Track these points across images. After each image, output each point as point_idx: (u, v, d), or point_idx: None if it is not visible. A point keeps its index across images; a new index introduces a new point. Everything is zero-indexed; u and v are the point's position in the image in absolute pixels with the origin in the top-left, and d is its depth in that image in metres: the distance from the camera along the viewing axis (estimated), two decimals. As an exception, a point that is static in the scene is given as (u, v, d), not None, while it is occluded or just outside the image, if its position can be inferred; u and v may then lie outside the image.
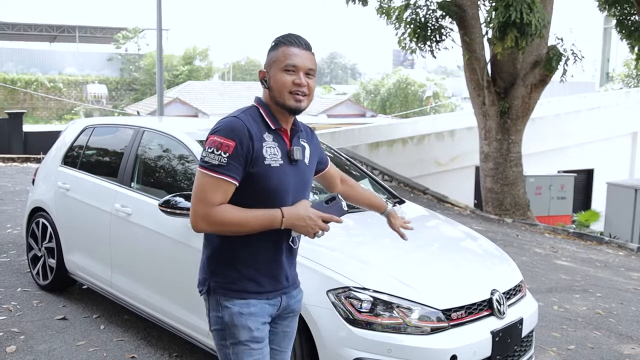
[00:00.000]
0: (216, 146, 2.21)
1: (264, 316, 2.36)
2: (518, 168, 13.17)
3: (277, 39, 2.37)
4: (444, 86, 48.96)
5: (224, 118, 2.34)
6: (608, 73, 39.88)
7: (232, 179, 2.22)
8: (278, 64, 2.32)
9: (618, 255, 9.68)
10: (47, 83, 42.42)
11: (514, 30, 10.58)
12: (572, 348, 4.90)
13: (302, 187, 2.43)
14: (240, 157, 2.22)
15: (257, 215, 2.24)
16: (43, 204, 5.39)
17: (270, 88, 2.34)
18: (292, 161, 2.38)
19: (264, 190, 2.30)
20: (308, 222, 2.28)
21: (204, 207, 2.22)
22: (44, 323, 4.72)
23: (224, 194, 2.23)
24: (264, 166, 2.28)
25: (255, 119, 2.33)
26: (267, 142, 2.31)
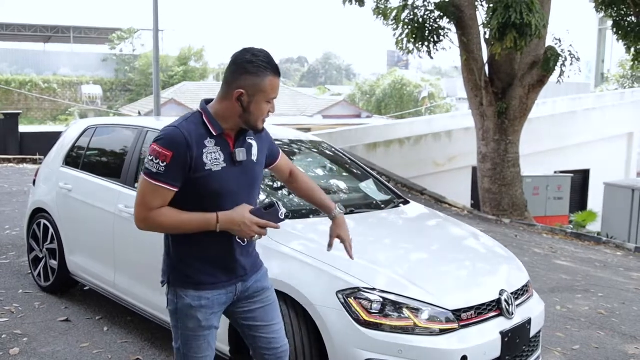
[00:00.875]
0: (155, 155, 2.37)
1: (213, 307, 2.57)
2: (516, 168, 13.19)
3: (264, 66, 2.43)
4: (440, 87, 49.01)
5: (166, 127, 2.45)
6: (603, 74, 40.01)
7: (169, 185, 2.39)
8: (264, 95, 2.44)
9: (616, 256, 9.70)
10: (42, 84, 42.26)
11: (513, 31, 10.59)
12: (577, 348, 4.90)
13: (249, 186, 2.58)
14: (178, 165, 2.37)
15: (192, 219, 2.42)
16: (44, 205, 5.35)
17: (247, 111, 2.46)
18: (235, 163, 2.51)
19: (207, 193, 2.46)
20: (242, 227, 2.42)
21: (143, 210, 2.41)
22: (46, 325, 4.69)
23: (162, 199, 2.40)
24: (204, 171, 2.43)
25: (197, 126, 2.45)
26: (208, 147, 2.45)
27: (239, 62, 2.45)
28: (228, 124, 2.50)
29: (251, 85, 2.43)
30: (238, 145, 2.54)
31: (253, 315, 2.70)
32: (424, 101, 44.03)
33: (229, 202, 2.48)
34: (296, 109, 35.07)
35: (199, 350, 2.59)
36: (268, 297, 2.74)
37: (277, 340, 2.74)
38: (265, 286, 2.74)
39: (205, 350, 2.60)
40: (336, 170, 5.29)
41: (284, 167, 2.93)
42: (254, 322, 2.71)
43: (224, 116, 2.49)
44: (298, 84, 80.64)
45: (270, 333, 2.72)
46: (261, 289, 2.72)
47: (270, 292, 2.76)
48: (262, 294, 2.72)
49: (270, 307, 2.74)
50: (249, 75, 2.42)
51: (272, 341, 2.73)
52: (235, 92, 2.43)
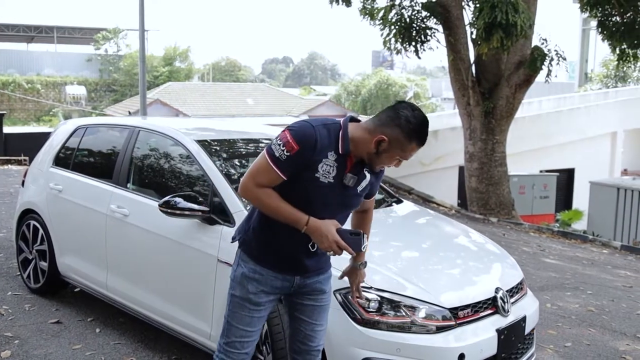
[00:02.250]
0: (284, 142, 2.50)
1: (266, 285, 2.70)
2: (503, 168, 13.26)
3: (415, 132, 2.52)
4: (425, 87, 49.18)
5: (306, 120, 2.59)
6: (587, 74, 40.34)
7: (282, 173, 2.52)
8: (399, 153, 2.56)
9: (603, 253, 9.79)
10: (25, 84, 41.86)
11: (499, 31, 10.63)
12: (569, 345, 4.93)
13: (342, 209, 2.71)
14: (298, 160, 2.50)
15: (287, 211, 2.56)
16: (34, 206, 5.30)
17: (378, 156, 2.57)
18: (342, 184, 2.61)
19: (303, 195, 2.58)
20: (324, 240, 2.55)
21: (251, 181, 2.58)
22: (37, 327, 4.64)
23: (271, 181, 2.55)
24: (312, 177, 2.55)
25: (331, 135, 2.57)
26: (328, 159, 2.56)
27: (399, 113, 2.53)
28: (356, 150, 2.59)
29: (396, 140, 2.52)
30: (353, 171, 2.63)
31: (303, 309, 2.83)
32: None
33: (318, 212, 2.59)
34: (282, 109, 35.05)
35: (242, 321, 2.72)
36: (323, 299, 2.86)
37: (314, 339, 2.85)
38: (324, 289, 2.85)
39: (248, 324, 2.72)
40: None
41: (364, 205, 2.95)
42: (302, 315, 2.84)
43: (356, 143, 2.58)
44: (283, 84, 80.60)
45: (311, 331, 2.84)
46: (320, 289, 2.83)
47: (327, 295, 2.87)
48: (318, 295, 2.83)
49: (322, 308, 2.86)
50: (400, 130, 2.51)
51: (310, 339, 2.85)
52: (379, 136, 2.53)
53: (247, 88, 40.25)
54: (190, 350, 4.22)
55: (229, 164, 4.22)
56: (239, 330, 2.73)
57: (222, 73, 60.44)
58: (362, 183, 2.69)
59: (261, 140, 4.77)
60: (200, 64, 56.03)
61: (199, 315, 3.78)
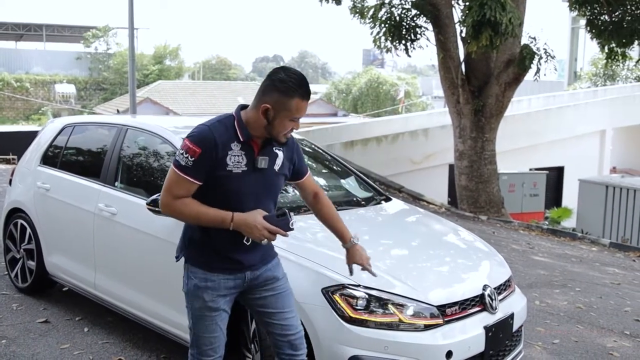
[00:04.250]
0: (186, 149, 2.59)
1: (220, 290, 2.74)
2: (492, 166, 13.30)
3: (290, 86, 2.59)
4: (415, 85, 49.22)
5: (200, 125, 2.66)
6: (576, 72, 40.50)
7: (194, 179, 2.60)
8: (288, 114, 2.62)
9: (592, 251, 9.83)
10: (14, 82, 41.53)
11: (488, 29, 10.66)
12: (557, 342, 4.96)
13: (266, 192, 2.76)
14: (204, 162, 2.58)
15: (209, 214, 2.62)
16: (21, 205, 5.27)
17: (271, 125, 2.64)
18: (256, 169, 2.68)
19: (224, 192, 2.65)
20: (254, 230, 2.60)
21: (168, 197, 2.64)
22: (25, 327, 4.62)
23: (186, 190, 2.62)
24: (225, 171, 2.62)
25: (227, 129, 2.65)
26: (234, 150, 2.64)
27: (272, 78, 2.63)
28: (255, 132, 2.67)
29: (278, 102, 2.60)
30: (262, 153, 2.71)
31: (265, 302, 2.86)
32: (401, 101, 44.18)
33: (244, 203, 2.66)
34: (273, 107, 34.93)
35: (206, 330, 2.77)
36: (280, 286, 2.89)
37: (289, 327, 2.87)
38: (275, 275, 2.88)
39: (213, 331, 2.77)
40: (317, 167, 5.28)
41: (308, 187, 3.06)
42: (266, 309, 2.86)
43: (251, 125, 2.67)
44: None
45: (282, 320, 2.86)
46: (272, 277, 2.87)
47: (281, 281, 2.91)
48: (273, 283, 2.87)
49: (282, 295, 2.88)
50: (278, 93, 2.60)
51: (285, 328, 2.86)
52: (262, 105, 2.61)
53: (237, 86, 40.15)
54: (178, 348, 4.20)
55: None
56: (207, 339, 2.79)
57: (213, 71, 60.32)
58: (277, 161, 2.77)
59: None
60: (190, 63, 55.87)
61: (186, 313, 3.76)
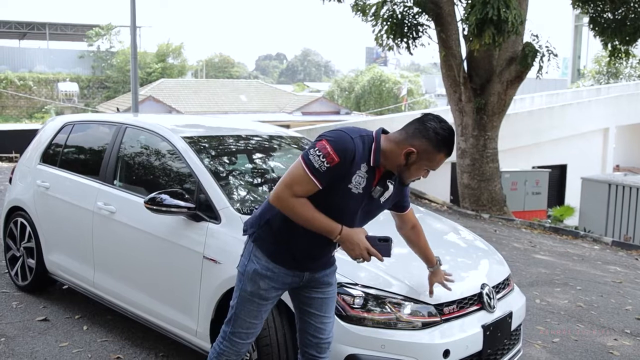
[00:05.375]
0: (325, 153, 2.52)
1: (277, 282, 2.76)
2: (494, 164, 13.27)
3: (444, 143, 2.60)
4: (418, 83, 49.15)
5: (342, 131, 2.60)
6: (579, 70, 40.42)
7: (319, 183, 2.56)
8: (428, 164, 2.64)
9: (594, 249, 9.81)
10: (17, 81, 41.60)
11: (491, 27, 10.63)
12: (557, 341, 4.94)
13: (364, 217, 2.78)
14: (336, 172, 2.55)
15: (321, 221, 2.61)
16: (21, 203, 5.27)
17: (407, 167, 2.64)
18: (368, 195, 2.69)
19: (330, 203, 2.62)
20: (355, 248, 2.62)
21: (286, 191, 2.58)
22: (24, 325, 4.62)
23: (307, 191, 2.58)
24: (345, 187, 2.61)
25: (365, 148, 2.62)
26: (361, 171, 2.62)
27: (427, 125, 2.61)
28: (386, 162, 2.66)
29: (425, 151, 2.60)
30: (380, 184, 2.71)
31: (311, 302, 2.89)
32: (404, 99, 44.12)
33: (346, 220, 2.66)
34: (275, 105, 35.00)
35: (249, 314, 2.80)
36: (329, 291, 2.93)
37: (323, 331, 2.92)
38: (330, 281, 2.93)
39: (254, 317, 2.80)
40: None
41: (407, 220, 3.15)
42: (309, 308, 2.90)
43: (387, 155, 2.65)
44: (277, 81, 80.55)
45: (319, 323, 2.91)
46: (326, 283, 2.91)
47: (333, 287, 2.95)
48: (325, 287, 2.91)
49: (328, 300, 2.93)
50: (429, 142, 2.59)
51: (319, 330, 2.91)
52: (408, 148, 2.60)
53: (240, 85, 40.13)
54: (176, 347, 4.21)
55: (218, 161, 4.21)
56: (245, 323, 2.81)
57: (216, 70, 60.28)
58: (385, 194, 2.75)
59: (251, 137, 4.77)
60: (193, 61, 55.90)
61: (185, 312, 3.77)
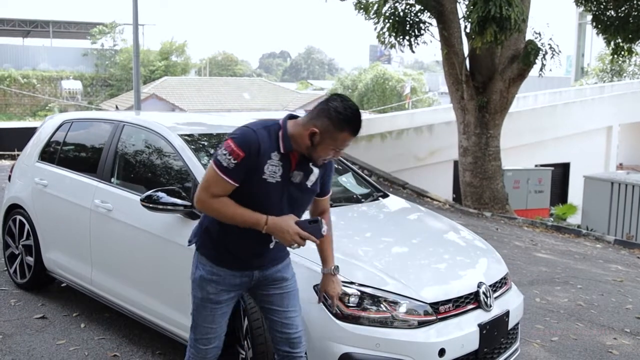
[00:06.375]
0: (229, 151, 2.59)
1: (225, 285, 2.79)
2: (497, 162, 13.24)
3: (345, 122, 2.60)
4: (422, 81, 49.05)
5: (245, 127, 2.66)
6: (583, 68, 40.29)
7: (233, 181, 2.61)
8: (333, 144, 2.63)
9: (596, 248, 9.78)
10: (21, 79, 41.62)
11: (493, 25, 10.60)
12: (556, 340, 4.92)
13: (294, 205, 2.77)
14: (245, 166, 2.60)
15: (245, 215, 2.64)
16: (20, 201, 5.27)
17: (314, 146, 2.65)
18: (289, 182, 2.70)
19: (252, 197, 2.66)
20: (286, 235, 2.63)
21: (205, 194, 2.65)
22: (22, 322, 4.63)
23: (223, 190, 2.63)
24: (260, 179, 2.64)
25: (271, 137, 2.66)
26: (273, 160, 2.65)
27: (329, 104, 2.63)
28: (297, 147, 2.68)
29: (327, 130, 2.61)
30: (298, 168, 2.73)
31: (270, 300, 2.91)
32: (407, 97, 44.04)
33: (268, 212, 2.67)
34: (278, 103, 35.00)
35: (205, 320, 2.83)
36: (288, 286, 2.94)
37: (290, 326, 2.91)
38: (285, 276, 2.93)
39: (211, 322, 2.83)
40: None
41: (321, 205, 3.06)
42: (271, 305, 2.91)
43: (295, 139, 2.67)
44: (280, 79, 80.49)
45: (285, 319, 2.91)
46: (280, 278, 2.92)
47: (290, 281, 2.96)
48: (281, 282, 2.92)
49: (289, 294, 2.93)
50: (330, 121, 2.60)
51: (285, 326, 2.91)
52: (311, 128, 2.62)
53: (244, 82, 40.09)
54: (173, 345, 4.20)
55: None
56: (204, 328, 2.85)
57: (219, 67, 60.27)
58: (310, 177, 2.78)
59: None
60: (197, 59, 55.79)
61: (181, 310, 3.76)
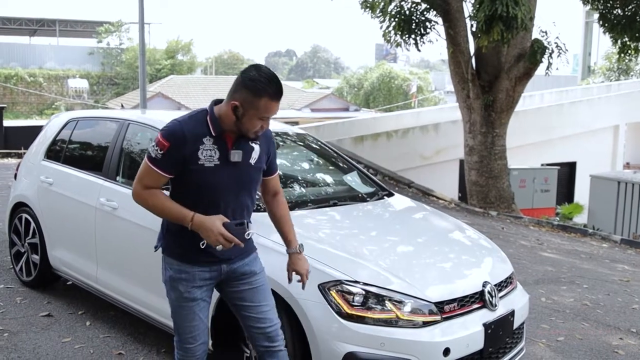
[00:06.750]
0: (156, 142, 2.66)
1: (195, 281, 2.79)
2: (502, 161, 13.20)
3: (258, 85, 2.58)
4: (428, 80, 49.00)
5: (173, 120, 2.72)
6: (589, 67, 40.15)
7: (161, 171, 2.67)
8: (256, 113, 2.63)
9: (602, 247, 9.75)
10: (28, 77, 41.78)
11: (499, 24, 10.56)
12: (561, 340, 4.91)
13: (241, 185, 2.78)
14: (172, 156, 2.64)
15: (172, 209, 2.68)
16: (26, 199, 5.29)
17: (240, 122, 2.66)
18: (229, 162, 2.72)
19: (198, 186, 2.70)
20: (210, 235, 2.62)
21: (138, 185, 2.73)
22: (28, 320, 4.64)
23: (154, 181, 2.70)
24: (197, 165, 2.67)
25: (199, 123, 2.70)
26: (206, 145, 2.68)
27: (243, 76, 2.64)
28: (227, 127, 2.70)
29: (246, 101, 2.61)
30: (236, 147, 2.74)
31: (241, 296, 2.90)
32: (413, 95, 43.99)
33: (219, 197, 2.72)
34: (284, 102, 34.89)
35: (185, 319, 2.84)
36: (257, 280, 2.92)
37: (265, 320, 2.90)
38: (252, 270, 2.91)
39: (191, 320, 2.83)
40: (321, 162, 5.26)
41: (272, 186, 3.05)
42: (243, 302, 2.90)
43: (223, 119, 2.70)
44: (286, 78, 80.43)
45: (258, 313, 2.89)
46: (249, 272, 2.90)
47: (259, 276, 2.94)
48: (250, 277, 2.90)
49: (259, 289, 2.91)
50: (247, 91, 2.60)
51: (260, 321, 2.89)
52: (231, 102, 2.63)
53: (249, 81, 40.00)
54: (178, 343, 4.21)
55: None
56: (186, 327, 2.85)
57: (225, 66, 60.30)
58: (252, 155, 2.80)
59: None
60: (202, 57, 55.83)
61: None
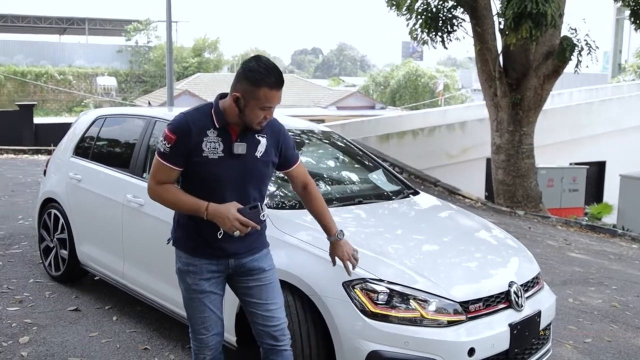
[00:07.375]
0: (164, 137, 2.71)
1: (202, 273, 2.82)
2: (530, 160, 13.05)
3: (257, 76, 2.60)
4: (455, 78, 48.64)
5: (179, 113, 2.77)
6: (620, 64, 39.46)
7: (171, 165, 2.71)
8: (257, 103, 2.64)
9: (632, 248, 9.58)
10: (57, 75, 42.44)
11: (528, 21, 10.43)
12: (589, 341, 4.83)
13: (247, 178, 2.79)
14: (180, 149, 2.68)
15: (187, 202, 2.71)
16: (55, 195, 5.37)
17: (243, 113, 2.67)
18: (233, 155, 2.72)
19: (203, 178, 2.73)
20: (226, 221, 2.64)
21: (152, 181, 2.77)
22: (56, 314, 4.71)
23: (166, 175, 2.73)
24: (201, 157, 2.70)
25: (204, 116, 2.73)
26: (209, 137, 2.71)
27: (243, 67, 2.65)
28: (231, 119, 2.72)
29: (247, 92, 2.63)
30: (240, 140, 2.75)
31: (249, 292, 2.90)
32: (440, 94, 43.70)
33: (225, 190, 2.74)
34: (310, 100, 35.00)
35: (196, 309, 2.88)
36: (266, 277, 2.91)
37: (271, 318, 2.89)
38: (262, 267, 2.91)
39: (202, 311, 2.87)
40: (346, 160, 5.25)
41: (298, 176, 3.06)
42: (250, 298, 2.90)
43: (227, 112, 2.72)
44: (312, 75, 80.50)
45: (265, 311, 2.89)
46: (257, 268, 2.90)
47: (268, 273, 2.93)
48: (258, 273, 2.90)
49: (268, 286, 2.91)
50: (247, 81, 2.62)
51: (266, 319, 2.89)
52: (233, 94, 2.66)
53: (275, 79, 40.11)
54: (203, 339, 4.23)
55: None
56: (198, 319, 2.89)
57: (251, 64, 60.43)
58: (258, 148, 2.80)
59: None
60: (229, 55, 56.08)
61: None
